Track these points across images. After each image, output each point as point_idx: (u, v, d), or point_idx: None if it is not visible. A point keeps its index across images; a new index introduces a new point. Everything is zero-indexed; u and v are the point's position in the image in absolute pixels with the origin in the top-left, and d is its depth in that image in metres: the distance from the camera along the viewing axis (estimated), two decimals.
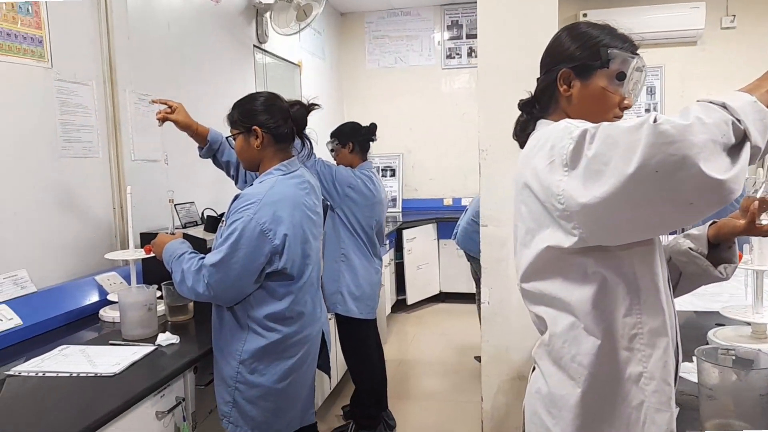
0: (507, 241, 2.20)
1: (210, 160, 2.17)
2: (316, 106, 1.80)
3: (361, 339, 2.79)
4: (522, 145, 1.28)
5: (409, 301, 5.14)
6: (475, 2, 2.19)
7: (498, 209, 2.20)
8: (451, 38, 5.83)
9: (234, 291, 1.61)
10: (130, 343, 1.81)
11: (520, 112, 1.30)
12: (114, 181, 2.50)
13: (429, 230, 5.36)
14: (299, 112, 1.76)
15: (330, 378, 2.04)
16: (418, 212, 5.72)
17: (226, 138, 1.79)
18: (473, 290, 5.35)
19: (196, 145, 2.13)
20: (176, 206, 2.61)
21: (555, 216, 0.99)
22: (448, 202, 5.95)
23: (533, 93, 1.26)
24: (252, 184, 1.76)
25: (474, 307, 5.12)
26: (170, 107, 1.95)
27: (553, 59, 1.18)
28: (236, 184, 2.13)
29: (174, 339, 1.82)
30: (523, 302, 1.18)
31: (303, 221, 1.69)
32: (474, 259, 3.76)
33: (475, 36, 5.74)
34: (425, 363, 3.99)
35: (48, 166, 2.15)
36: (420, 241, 5.21)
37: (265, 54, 4.15)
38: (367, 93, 5.94)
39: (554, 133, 1.01)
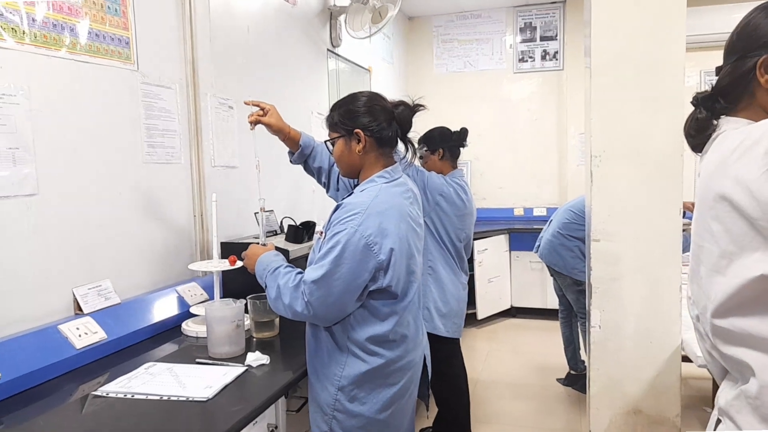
0: (623, 257, 1.97)
1: (284, 168, 2.03)
2: (422, 107, 1.64)
3: (447, 359, 2.59)
4: (696, 148, 1.07)
5: (480, 316, 4.91)
6: (551, 3, 1.97)
7: (613, 222, 1.97)
8: (524, 41, 5.59)
9: (335, 310, 1.45)
10: (218, 362, 1.68)
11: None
12: (195, 188, 2.41)
13: (501, 241, 5.12)
14: (404, 113, 1.59)
15: (428, 408, 1.86)
16: (486, 222, 5.48)
17: (324, 142, 1.65)
18: (547, 305, 5.10)
19: (279, 150, 2.01)
20: (256, 215, 2.50)
21: None
22: (519, 212, 5.69)
23: (714, 85, 1.05)
24: (351, 192, 1.60)
25: (550, 324, 4.85)
26: (262, 109, 1.83)
27: (749, 45, 0.97)
28: (327, 192, 1.98)
29: (264, 359, 1.68)
30: (710, 340, 0.96)
31: (408, 234, 1.53)
32: (558, 274, 3.51)
33: (549, 38, 5.49)
34: (503, 384, 3.75)
35: (133, 171, 2.07)
36: (491, 252, 4.98)
37: (338, 58, 4.04)
38: (434, 99, 5.74)
39: None
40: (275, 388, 1.52)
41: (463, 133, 2.70)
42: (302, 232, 2.39)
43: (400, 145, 1.66)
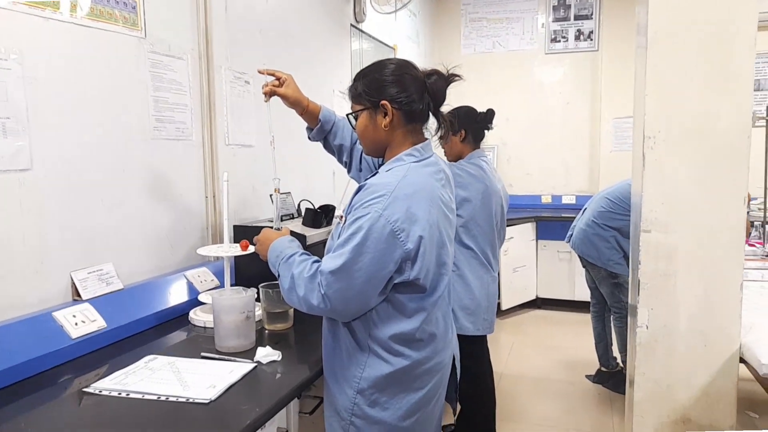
0: (677, 251, 1.77)
1: (301, 147, 1.85)
2: (457, 77, 1.45)
3: (474, 357, 2.42)
4: None
5: (504, 306, 4.72)
6: None
7: (667, 211, 1.76)
8: (557, 20, 5.31)
9: (355, 304, 1.28)
10: (225, 356, 1.53)
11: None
12: (207, 167, 2.25)
13: (527, 230, 4.90)
14: (437, 83, 1.41)
15: (455, 411, 1.69)
16: (512, 210, 5.21)
17: (347, 115, 1.47)
18: (574, 297, 4.88)
19: (297, 127, 1.84)
20: (271, 196, 2.35)
21: None
22: (546, 199, 5.46)
23: None
24: (375, 172, 1.43)
25: (578, 317, 4.65)
26: (278, 79, 1.65)
27: None
28: (349, 172, 1.80)
29: (275, 355, 1.52)
30: None
31: (440, 220, 1.34)
32: (592, 266, 3.30)
33: (584, 17, 5.21)
34: (529, 379, 3.57)
35: (139, 147, 1.92)
36: (517, 241, 4.76)
37: (362, 35, 3.84)
38: (460, 80, 5.52)
39: None
40: (287, 389, 1.36)
41: (490, 114, 2.51)
42: (321, 216, 2.23)
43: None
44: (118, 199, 1.84)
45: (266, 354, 1.51)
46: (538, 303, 5.06)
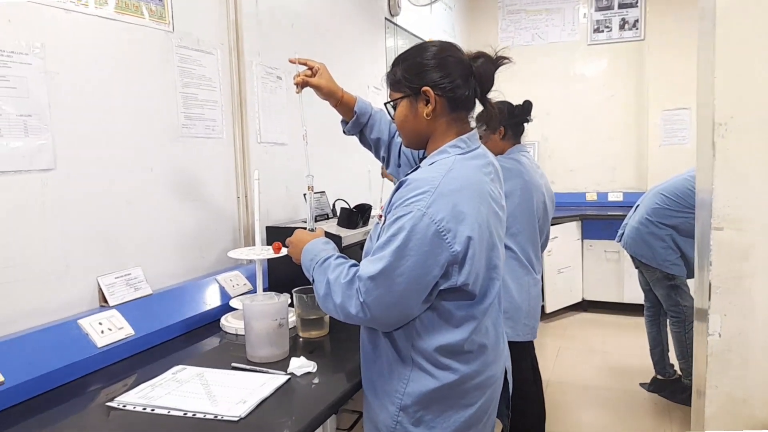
0: (754, 251, 1.58)
1: (336, 143, 1.74)
2: (506, 60, 1.31)
3: (514, 362, 2.25)
4: None
5: (548, 309, 4.52)
6: None
7: (741, 206, 1.58)
8: (600, 9, 5.08)
9: (397, 313, 1.16)
10: (257, 367, 1.42)
11: None
12: (238, 166, 2.16)
13: (572, 229, 4.69)
14: (484, 67, 1.27)
15: (507, 428, 1.55)
16: (556, 208, 5.02)
17: (385, 104, 1.34)
18: (623, 299, 4.64)
19: (331, 121, 1.73)
20: (305, 195, 2.25)
21: None
22: (591, 197, 5.22)
23: None
24: (416, 167, 1.30)
25: (627, 320, 4.42)
26: (311, 69, 1.54)
27: None
28: (387, 167, 1.68)
29: (310, 366, 1.41)
30: None
31: (490, 219, 1.21)
32: (646, 267, 3.09)
33: (629, 5, 4.96)
34: (578, 386, 3.37)
35: (167, 146, 1.84)
36: (562, 241, 4.56)
37: (397, 28, 3.72)
38: (498, 75, 5.31)
39: None
40: (323, 404, 1.24)
41: (527, 106, 2.34)
42: (356, 215, 2.11)
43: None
44: (146, 200, 1.76)
45: (300, 365, 1.40)
46: (584, 306, 4.83)
